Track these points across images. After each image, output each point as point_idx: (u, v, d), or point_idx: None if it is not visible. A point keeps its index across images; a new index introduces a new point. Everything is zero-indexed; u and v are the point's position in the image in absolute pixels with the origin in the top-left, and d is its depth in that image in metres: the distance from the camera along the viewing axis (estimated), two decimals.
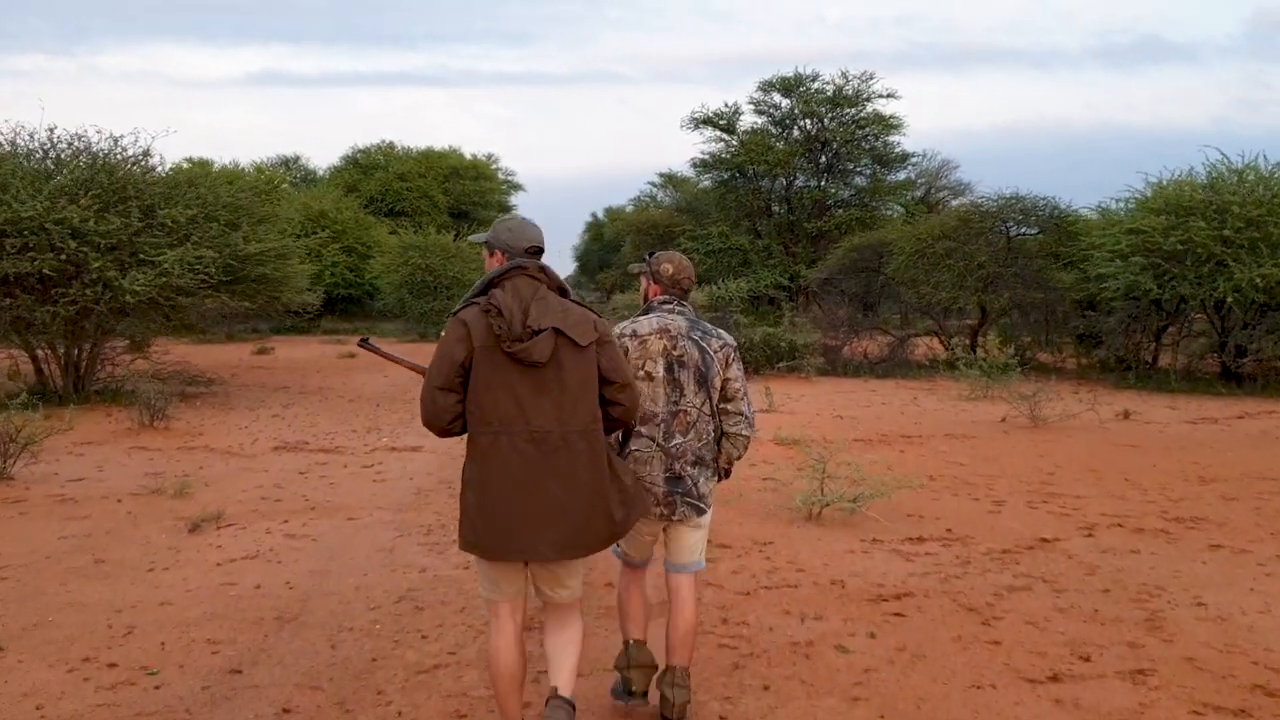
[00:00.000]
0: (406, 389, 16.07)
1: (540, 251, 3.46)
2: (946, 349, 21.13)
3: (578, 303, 3.40)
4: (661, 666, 3.91)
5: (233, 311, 16.02)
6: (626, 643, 3.97)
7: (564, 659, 3.51)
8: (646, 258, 4.03)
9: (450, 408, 3.27)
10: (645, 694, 3.93)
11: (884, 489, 7.28)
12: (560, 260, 67.53)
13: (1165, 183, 18.24)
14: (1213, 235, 16.09)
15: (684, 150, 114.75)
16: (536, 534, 3.23)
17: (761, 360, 18.14)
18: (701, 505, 3.83)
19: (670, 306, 3.90)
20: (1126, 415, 12.85)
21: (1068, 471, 9.15)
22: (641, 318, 3.90)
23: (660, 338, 3.80)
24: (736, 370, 3.89)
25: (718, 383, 3.84)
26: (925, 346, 22.59)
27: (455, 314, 3.34)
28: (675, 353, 3.80)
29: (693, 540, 3.90)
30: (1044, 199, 21.13)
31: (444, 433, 3.32)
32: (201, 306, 14.63)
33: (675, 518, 3.81)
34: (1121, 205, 19.48)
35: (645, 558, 4.03)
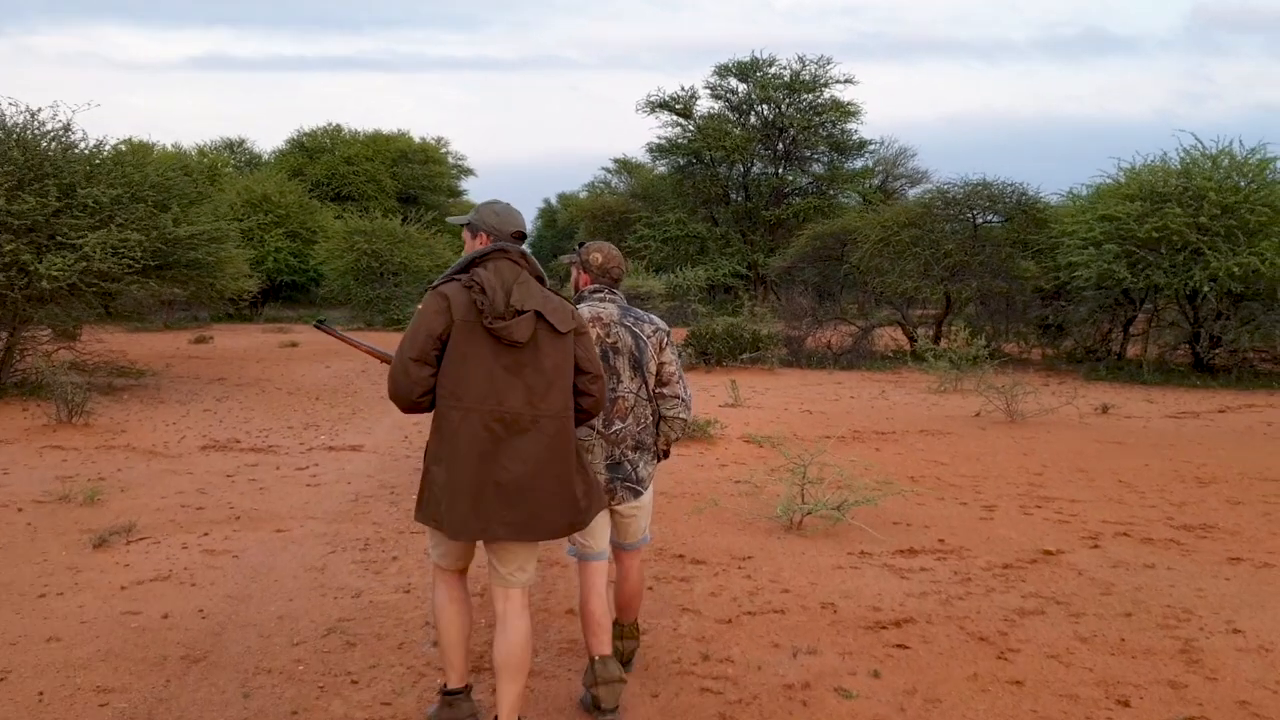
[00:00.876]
0: (349, 380, 15.25)
1: (524, 237, 3.46)
2: (911, 340, 20.66)
3: (555, 293, 3.38)
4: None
5: (167, 299, 15.06)
6: (592, 659, 3.76)
7: (509, 687, 3.31)
8: (576, 248, 4.05)
9: (422, 381, 3.21)
10: (615, 710, 3.67)
11: (871, 495, 6.65)
12: None
13: (1138, 168, 17.79)
14: (1188, 222, 15.66)
15: (638, 137, 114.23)
16: (495, 514, 3.16)
17: (724, 351, 17.48)
18: (639, 489, 3.89)
19: (601, 295, 3.93)
20: (1105, 410, 12.36)
21: (1056, 471, 8.59)
22: None
23: (593, 326, 3.79)
24: (671, 354, 3.94)
25: (653, 367, 3.89)
26: (889, 337, 22.07)
27: (434, 287, 3.28)
28: (609, 340, 3.82)
29: (635, 522, 3.96)
30: (1011, 185, 20.69)
31: (411, 407, 3.25)
32: (129, 293, 13.67)
33: (614, 502, 3.85)
34: (1090, 191, 19.05)
35: (601, 548, 3.86)
